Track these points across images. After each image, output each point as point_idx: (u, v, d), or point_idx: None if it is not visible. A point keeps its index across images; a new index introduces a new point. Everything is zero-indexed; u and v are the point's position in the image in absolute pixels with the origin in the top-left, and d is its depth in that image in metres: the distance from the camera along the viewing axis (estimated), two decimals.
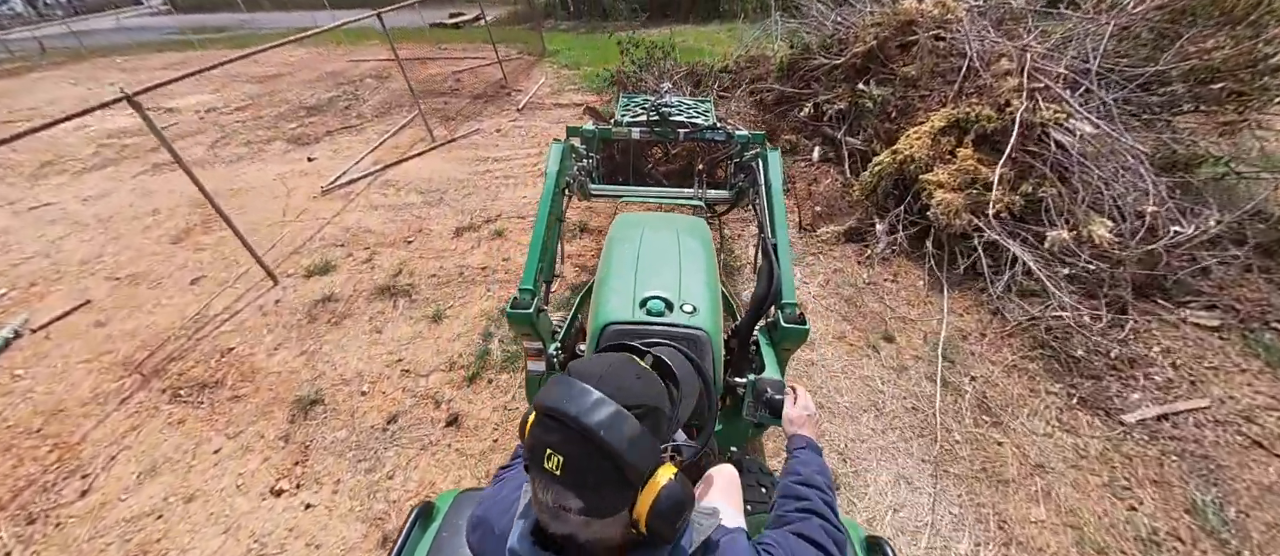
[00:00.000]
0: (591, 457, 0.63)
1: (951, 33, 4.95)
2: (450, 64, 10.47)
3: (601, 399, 0.65)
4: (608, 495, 0.64)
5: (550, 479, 0.63)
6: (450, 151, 6.20)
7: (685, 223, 2.05)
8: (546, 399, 0.67)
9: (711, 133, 3.01)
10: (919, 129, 4.29)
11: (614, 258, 1.78)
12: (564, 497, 0.63)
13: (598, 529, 0.66)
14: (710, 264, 1.82)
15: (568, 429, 0.63)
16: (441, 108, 7.73)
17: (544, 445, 0.64)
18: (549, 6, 23.26)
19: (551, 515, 0.66)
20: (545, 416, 0.66)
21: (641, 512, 0.66)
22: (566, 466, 0.62)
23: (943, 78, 4.71)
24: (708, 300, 1.61)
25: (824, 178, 5.09)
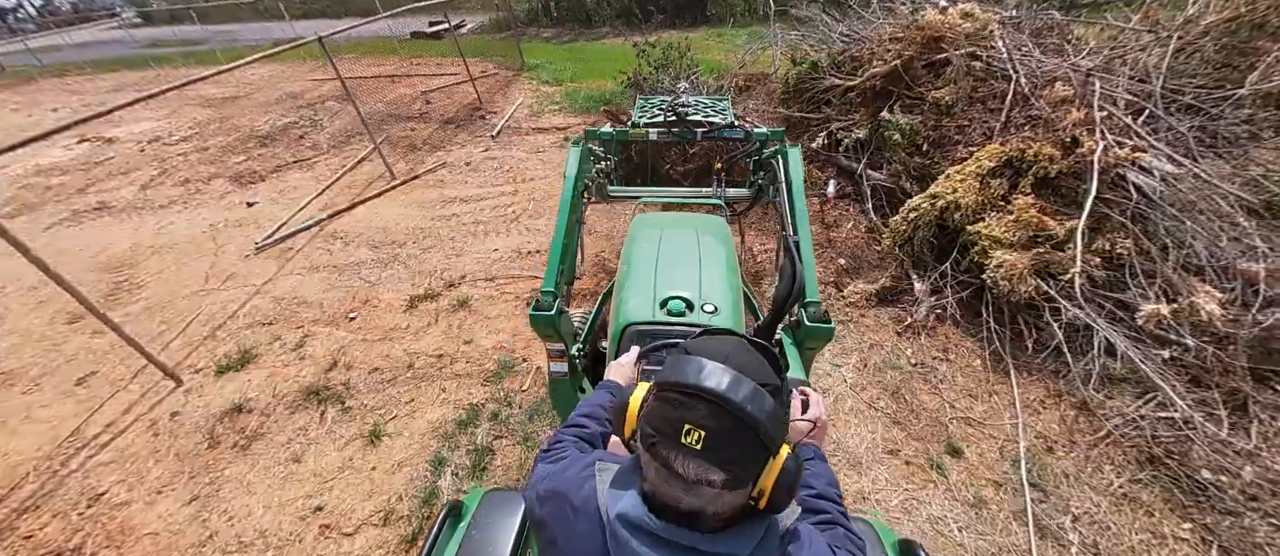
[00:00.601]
0: (737, 431, 0.64)
1: (988, 51, 4.27)
2: (423, 81, 9.67)
3: (740, 376, 0.66)
4: (748, 466, 0.66)
5: (690, 453, 0.64)
6: (412, 191, 5.41)
7: (704, 222, 2.03)
8: (679, 377, 0.67)
9: (730, 131, 2.91)
10: (962, 169, 3.59)
11: (634, 258, 1.78)
12: (706, 471, 0.64)
13: (729, 499, 0.67)
14: (730, 263, 1.80)
15: (711, 404, 0.64)
16: (407, 136, 6.94)
17: (681, 420, 0.65)
18: (531, 14, 22.55)
19: (686, 489, 0.66)
20: (681, 393, 0.66)
21: (767, 483, 0.68)
22: (710, 439, 0.63)
23: (983, 104, 4.02)
24: (728, 299, 1.60)
25: (845, 220, 4.38)
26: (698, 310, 1.55)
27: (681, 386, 0.67)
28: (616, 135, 3.05)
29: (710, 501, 0.67)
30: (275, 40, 11.82)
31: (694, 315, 1.53)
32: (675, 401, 0.67)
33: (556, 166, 5.78)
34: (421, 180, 5.60)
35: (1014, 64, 3.95)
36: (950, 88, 4.12)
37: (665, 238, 1.88)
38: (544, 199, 5.12)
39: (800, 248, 1.86)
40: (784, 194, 2.29)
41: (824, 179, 4.90)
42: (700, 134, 2.97)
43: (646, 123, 3.05)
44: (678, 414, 0.65)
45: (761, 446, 0.66)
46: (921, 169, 4.07)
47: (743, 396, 0.64)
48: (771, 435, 0.66)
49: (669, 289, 1.60)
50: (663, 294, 1.59)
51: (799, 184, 2.23)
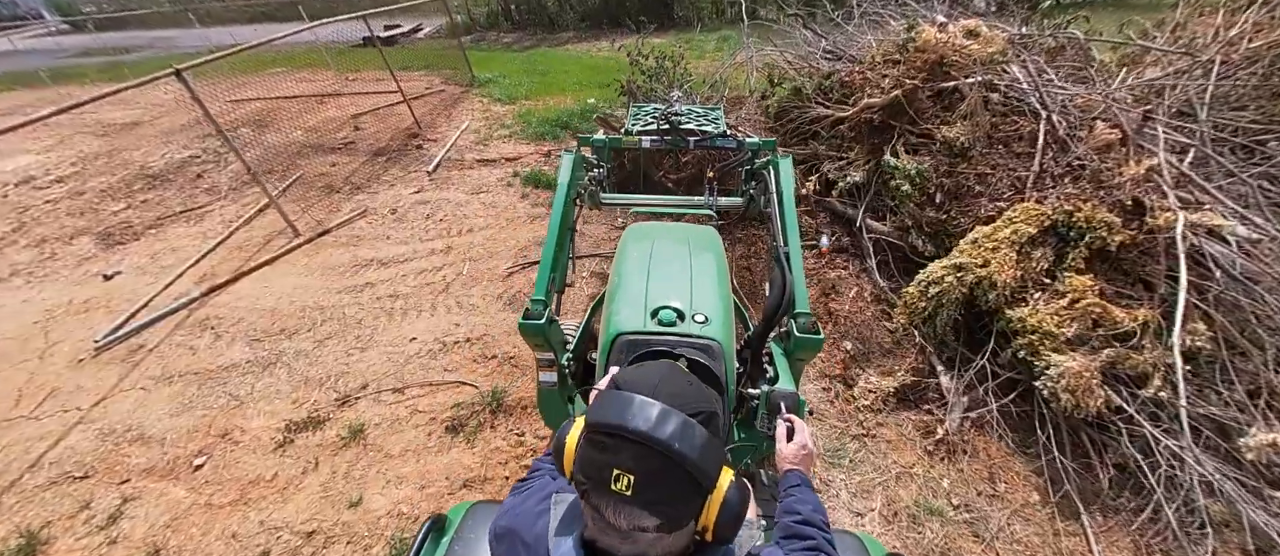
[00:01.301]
0: (667, 472, 0.61)
1: (1005, 80, 3.58)
2: (356, 101, 8.56)
3: (667, 410, 0.63)
4: (682, 508, 0.63)
5: (621, 500, 0.61)
6: (318, 251, 4.42)
7: (696, 232, 2.06)
8: (604, 416, 0.64)
9: (722, 140, 2.90)
10: (993, 234, 2.87)
11: (625, 268, 1.79)
12: (638, 518, 0.61)
13: (668, 544, 0.65)
14: (722, 274, 1.81)
15: (637, 445, 0.61)
16: (325, 173, 5.89)
17: (608, 465, 0.61)
18: (491, 17, 21.44)
19: (621, 537, 0.63)
20: (606, 435, 0.63)
21: (710, 519, 0.66)
22: (638, 484, 0.60)
23: (1006, 146, 3.32)
24: (720, 310, 1.60)
25: (845, 285, 3.63)
26: (689, 320, 1.54)
27: (605, 428, 0.63)
28: (610, 142, 2.99)
29: (649, 547, 0.64)
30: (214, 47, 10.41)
31: (685, 325, 1.52)
32: (600, 444, 0.63)
33: (501, 212, 4.87)
34: (333, 236, 4.60)
35: (1043, 97, 3.27)
36: (964, 125, 3.41)
37: (657, 247, 1.88)
38: (483, 259, 4.21)
39: (791, 259, 1.90)
40: (775, 204, 2.22)
41: (815, 227, 4.16)
42: (693, 143, 2.93)
43: (640, 130, 2.97)
44: (604, 458, 0.62)
45: (694, 484, 0.63)
46: (936, 224, 3.35)
47: (669, 433, 0.61)
48: (704, 471, 0.63)
49: (660, 299, 1.59)
50: (654, 304, 1.57)
51: (790, 194, 2.18)
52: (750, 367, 1.71)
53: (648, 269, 1.75)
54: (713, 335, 1.49)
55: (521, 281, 3.95)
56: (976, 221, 3.14)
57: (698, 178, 4.00)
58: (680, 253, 1.85)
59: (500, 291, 3.84)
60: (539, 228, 4.65)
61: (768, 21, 6.38)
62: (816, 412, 2.89)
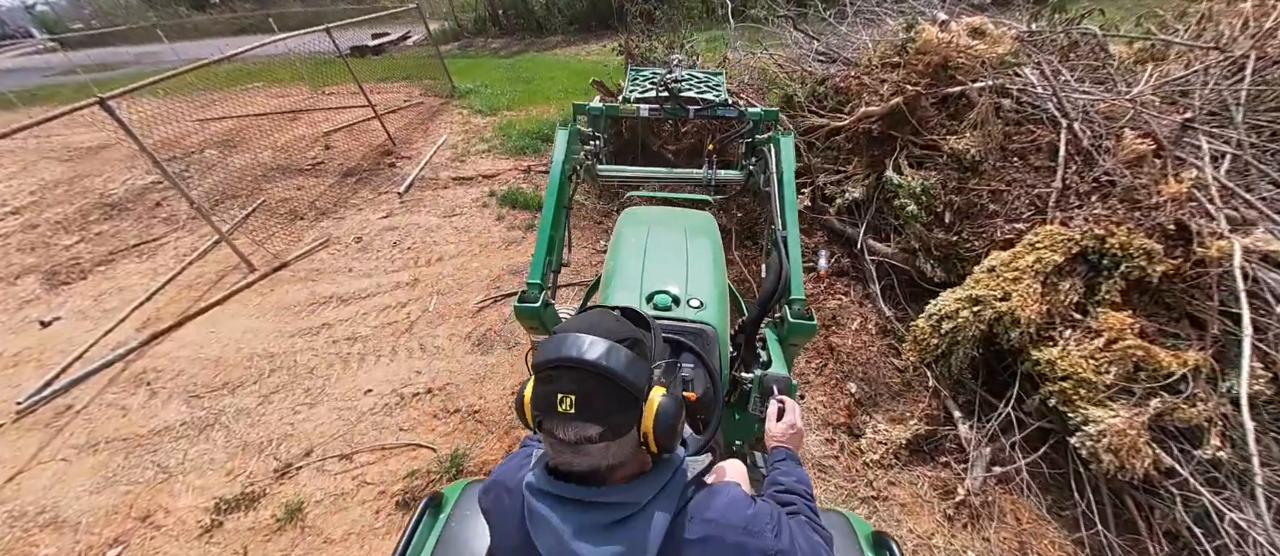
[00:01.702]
0: (599, 385, 0.71)
1: (1017, 82, 3.25)
2: (330, 116, 8.21)
3: (595, 339, 0.73)
4: (619, 415, 0.72)
5: (567, 418, 0.71)
6: (274, 288, 4.07)
7: (693, 218, 2.05)
8: (545, 355, 0.74)
9: (724, 109, 2.77)
10: (1013, 262, 2.54)
11: (621, 252, 1.79)
12: (583, 429, 0.71)
13: (614, 451, 0.74)
14: (717, 259, 1.82)
15: (573, 369, 0.71)
16: (290, 198, 5.54)
17: (553, 393, 0.71)
18: (479, 23, 21.11)
19: (574, 451, 0.73)
20: (549, 369, 0.73)
21: (647, 426, 0.75)
22: (579, 401, 0.70)
23: (1022, 159, 2.98)
24: (715, 295, 1.61)
25: (848, 315, 3.29)
26: (684, 304, 1.54)
27: (548, 363, 0.73)
28: (606, 110, 2.87)
29: (600, 457, 0.73)
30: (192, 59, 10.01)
31: (680, 310, 1.52)
32: (546, 377, 0.73)
33: (475, 238, 4.53)
34: (291, 270, 4.26)
35: (1062, 103, 2.93)
36: (974, 135, 3.07)
37: (653, 232, 1.88)
38: (452, 292, 3.87)
39: (788, 243, 1.85)
40: (775, 185, 2.17)
41: (812, 247, 3.82)
42: (693, 112, 2.81)
43: (638, 98, 2.89)
44: (549, 388, 0.72)
45: (625, 394, 0.73)
46: (946, 247, 3.02)
47: (598, 354, 0.71)
48: (632, 382, 0.73)
49: (655, 283, 1.60)
50: (649, 288, 1.58)
51: (790, 175, 2.13)
52: (744, 352, 1.70)
53: (644, 253, 1.74)
54: (707, 319, 1.49)
55: (493, 317, 3.62)
56: (992, 245, 2.81)
57: (698, 148, 3.77)
58: (676, 237, 1.85)
59: (469, 330, 3.50)
60: (515, 253, 4.31)
61: (756, 22, 6.05)
62: (818, 464, 2.57)
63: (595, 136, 2.87)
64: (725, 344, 1.54)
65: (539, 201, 4.98)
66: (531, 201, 4.95)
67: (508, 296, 3.79)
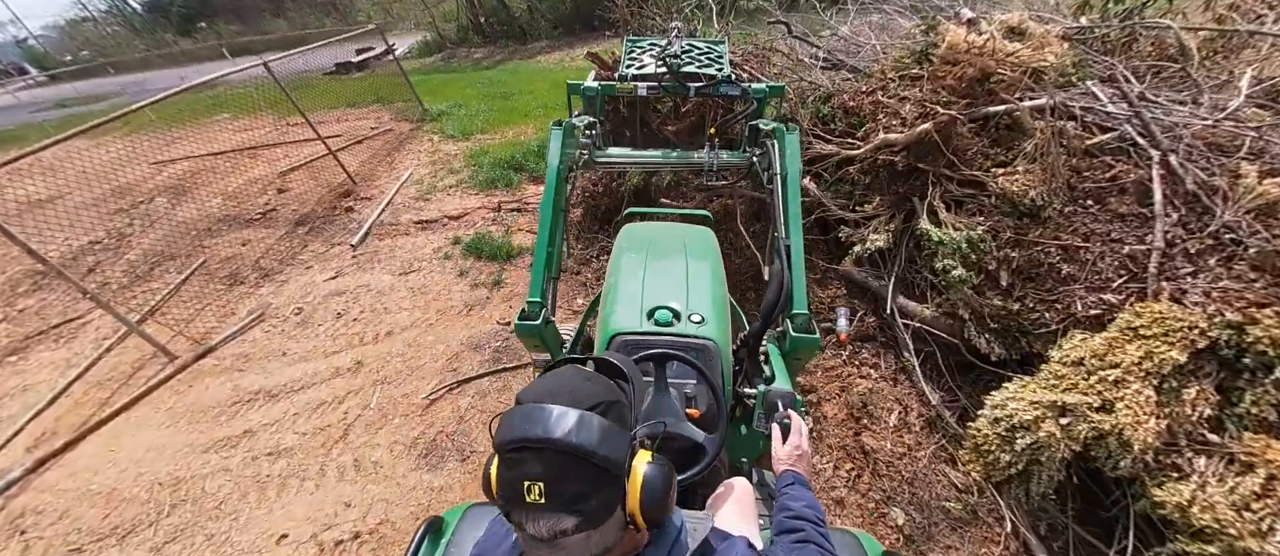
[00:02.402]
0: (571, 468, 0.62)
1: (1079, 98, 2.58)
2: (290, 151, 7.59)
3: (562, 410, 0.64)
4: (596, 499, 0.63)
5: (537, 509, 0.62)
6: (194, 383, 3.46)
7: (692, 233, 2.02)
8: (506, 434, 0.65)
9: (727, 86, 2.64)
10: (1108, 353, 1.88)
11: (622, 268, 1.78)
12: (557, 522, 0.62)
13: (597, 540, 0.65)
14: (717, 274, 1.79)
15: (537, 451, 0.62)
16: (233, 256, 4.93)
17: (520, 480, 0.62)
18: (462, 32, 20.52)
19: (548, 548, 0.64)
20: (510, 451, 0.64)
21: (634, 504, 0.67)
22: (549, 489, 0.61)
23: (1099, 202, 2.32)
24: (715, 310, 1.59)
25: (882, 402, 2.64)
26: (685, 320, 1.53)
27: (508, 444, 0.64)
28: (603, 90, 2.78)
29: (580, 549, 0.65)
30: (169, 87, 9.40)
31: (681, 325, 1.51)
32: (509, 461, 0.65)
33: (433, 300, 3.91)
34: (216, 357, 3.64)
35: (1148, 128, 2.26)
36: (1030, 173, 2.41)
37: (652, 248, 1.85)
38: (400, 380, 3.25)
39: (791, 252, 1.81)
40: (778, 185, 2.03)
41: (828, 301, 3.18)
42: (694, 90, 2.71)
43: (635, 75, 2.78)
44: (513, 473, 0.63)
45: (603, 473, 0.64)
46: (1004, 316, 2.36)
47: (566, 430, 0.62)
48: (608, 458, 0.64)
49: (656, 299, 1.58)
50: (650, 304, 1.56)
51: (795, 175, 2.01)
52: (747, 367, 1.69)
53: (644, 269, 1.73)
54: (709, 335, 1.48)
55: (446, 412, 2.99)
56: (1070, 319, 2.15)
57: (699, 126, 3.63)
58: (676, 253, 1.83)
59: (416, 433, 2.88)
60: (477, 320, 3.69)
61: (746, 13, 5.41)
62: None
63: (592, 125, 2.70)
64: (727, 359, 1.52)
65: (509, 249, 4.35)
66: (500, 250, 4.32)
67: (465, 382, 3.17)
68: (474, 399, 3.06)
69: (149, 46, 31.71)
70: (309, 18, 31.75)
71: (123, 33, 38.11)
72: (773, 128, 2.25)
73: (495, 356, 3.31)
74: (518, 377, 3.18)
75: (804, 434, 1.17)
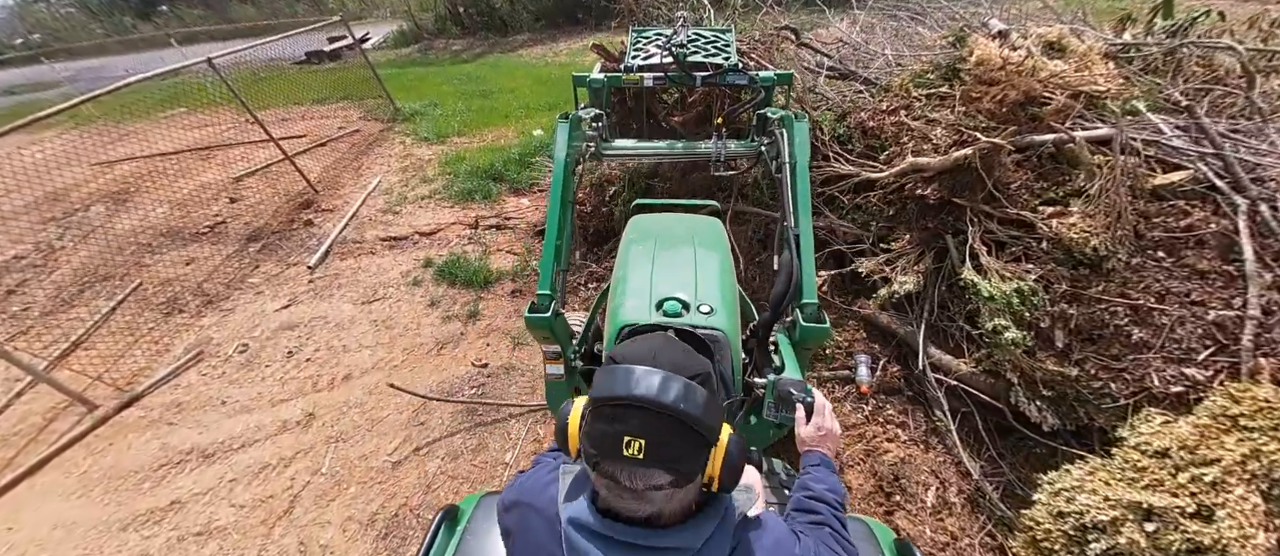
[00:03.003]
0: (675, 431, 0.66)
1: (1142, 129, 2.27)
2: (248, 153, 6.98)
3: (669, 376, 0.67)
4: (692, 462, 0.68)
5: (634, 463, 0.65)
6: (116, 440, 2.97)
7: (701, 224, 2.03)
8: (610, 389, 0.68)
9: (733, 75, 2.66)
10: (1202, 447, 1.58)
11: (630, 260, 1.78)
12: (651, 477, 0.66)
13: (681, 497, 0.70)
14: (726, 264, 1.79)
15: (644, 411, 0.65)
16: (174, 279, 4.39)
17: (619, 434, 0.65)
18: (440, 23, 19.74)
19: (638, 498, 0.68)
20: (613, 406, 0.67)
21: (716, 470, 0.72)
22: (649, 447, 0.64)
23: (1173, 255, 2.01)
24: (724, 300, 1.59)
25: (915, 474, 2.31)
26: (694, 311, 1.53)
27: (613, 400, 0.67)
28: (609, 81, 2.77)
29: (664, 502, 0.69)
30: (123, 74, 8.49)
31: (690, 316, 1.51)
32: (609, 415, 0.67)
33: (399, 336, 3.47)
34: (144, 407, 3.15)
35: (1232, 169, 1.96)
36: (1090, 217, 2.10)
37: (661, 240, 1.86)
38: (359, 437, 2.82)
39: (800, 241, 1.80)
40: (786, 174, 2.01)
41: (847, 346, 2.85)
42: (700, 79, 2.71)
43: (641, 65, 2.75)
44: (614, 428, 0.66)
45: (702, 439, 0.68)
46: (1058, 381, 2.05)
47: (675, 396, 0.65)
48: (709, 426, 0.68)
49: (665, 290, 1.58)
50: (659, 295, 1.57)
51: (804, 164, 2.00)
52: (757, 357, 1.69)
53: (652, 261, 1.73)
54: (718, 325, 1.49)
55: (411, 477, 2.58)
56: (1144, 394, 1.85)
57: (706, 116, 3.57)
58: (684, 244, 1.83)
59: (375, 507, 2.46)
60: (449, 360, 3.27)
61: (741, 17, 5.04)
62: None
63: (598, 116, 2.68)
64: (737, 349, 1.53)
65: (486, 273, 3.93)
66: (476, 274, 3.89)
67: (436, 442, 2.76)
68: (444, 461, 2.65)
69: (107, 31, 30.04)
70: (279, 3, 30.35)
71: (77, 16, 36.05)
72: (781, 116, 2.22)
73: (469, 410, 2.90)
74: (495, 433, 2.78)
75: (828, 413, 1.16)
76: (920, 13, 4.06)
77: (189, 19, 32.78)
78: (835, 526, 0.91)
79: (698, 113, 3.63)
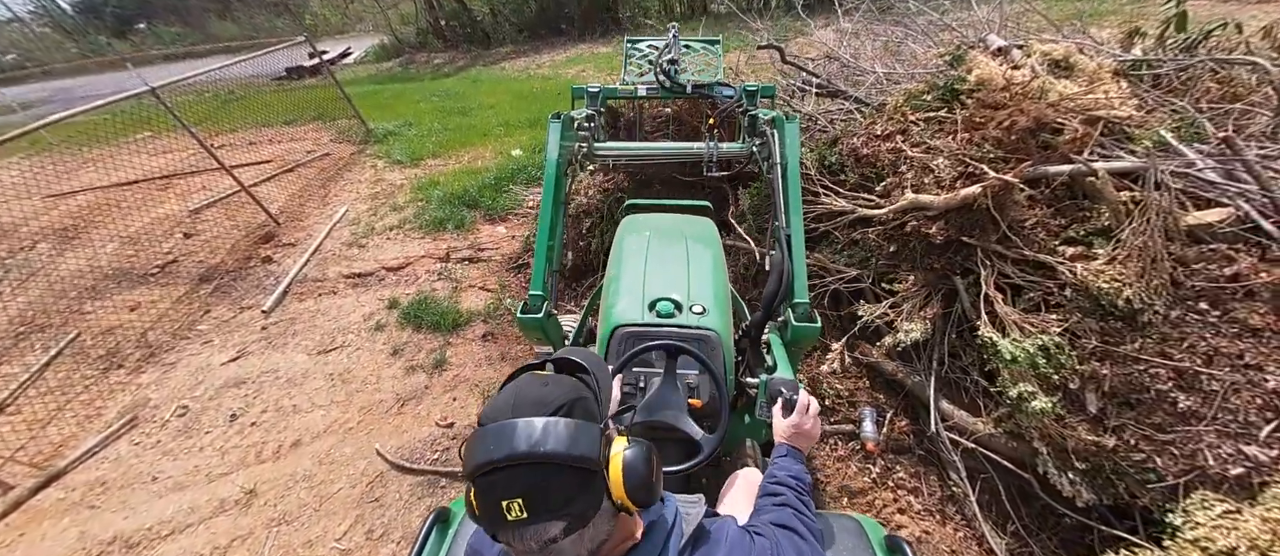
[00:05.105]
0: (547, 477, 0.62)
1: (1162, 157, 2.04)
2: (209, 182, 6.62)
3: (525, 422, 0.64)
4: (580, 500, 0.64)
5: (521, 526, 0.62)
6: (27, 530, 2.62)
7: (693, 224, 2.05)
8: (474, 459, 0.65)
9: (722, 89, 2.87)
10: (1272, 541, 1.32)
11: (623, 260, 1.80)
12: (543, 531, 0.62)
13: (590, 535, 0.66)
14: (718, 264, 1.83)
15: (508, 470, 0.62)
16: (118, 327, 4.02)
17: (497, 500, 0.62)
18: (422, 36, 19.49)
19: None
20: (482, 475, 0.64)
21: (619, 492, 0.67)
22: (529, 502, 0.61)
23: (1221, 310, 1.76)
24: (717, 300, 1.61)
25: (930, 548, 2.04)
26: (687, 311, 1.55)
27: (479, 466, 0.64)
28: (604, 92, 2.96)
29: (574, 549, 0.65)
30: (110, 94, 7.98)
31: (683, 316, 1.54)
32: (483, 486, 0.64)
33: (356, 392, 3.15)
34: (65, 486, 2.80)
35: (1274, 202, 1.73)
36: (1121, 262, 1.85)
37: (654, 239, 1.88)
38: (304, 519, 2.49)
39: (792, 241, 1.80)
40: (778, 174, 2.00)
41: (849, 396, 2.59)
42: (691, 88, 2.89)
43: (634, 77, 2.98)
44: (490, 498, 0.63)
45: (582, 472, 0.64)
46: (1092, 453, 1.79)
47: (533, 442, 0.62)
48: (583, 456, 0.64)
49: (658, 291, 1.60)
50: (651, 296, 1.59)
51: (795, 164, 1.99)
52: (749, 356, 1.70)
53: (645, 261, 1.74)
54: (710, 325, 1.50)
55: None
56: (1196, 473, 1.60)
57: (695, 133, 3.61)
58: (677, 244, 1.85)
59: None
60: (411, 421, 2.96)
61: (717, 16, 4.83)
62: None
63: (590, 117, 2.71)
64: (729, 349, 1.53)
65: (456, 315, 3.62)
66: (445, 316, 3.58)
67: (390, 524, 2.44)
68: (400, 547, 2.33)
69: (82, 51, 29.40)
70: (259, 19, 29.84)
71: (52, 36, 35.27)
72: (773, 117, 2.21)
73: (429, 482, 2.59)
74: None
75: (808, 413, 1.19)
76: (909, 25, 3.85)
77: (166, 37, 32.14)
78: (795, 504, 0.94)
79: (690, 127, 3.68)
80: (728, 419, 1.31)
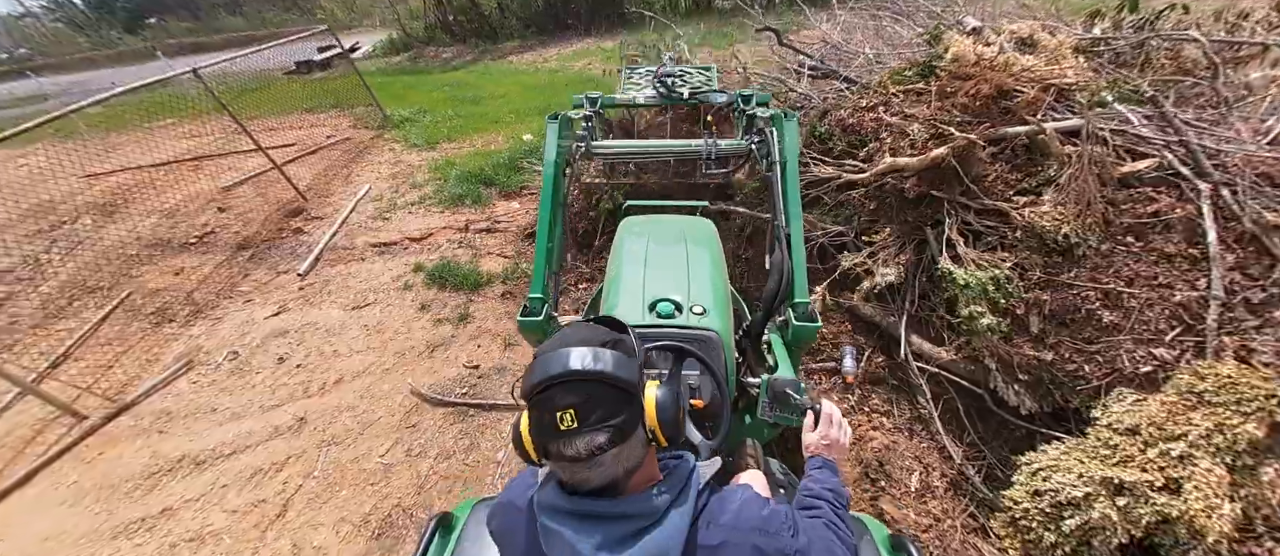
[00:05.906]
0: (596, 391, 0.72)
1: (1103, 118, 2.34)
2: (237, 163, 6.98)
3: (576, 347, 0.74)
4: (622, 414, 0.73)
5: (571, 433, 0.71)
6: (106, 450, 2.97)
7: (692, 225, 2.05)
8: (530, 380, 0.75)
9: (717, 95, 2.87)
10: (1170, 422, 1.63)
11: (623, 261, 1.79)
12: (591, 439, 0.71)
13: (626, 454, 0.75)
14: (718, 265, 1.82)
15: (562, 384, 0.72)
16: (165, 288, 4.39)
17: (552, 411, 0.71)
18: (429, 31, 19.78)
19: (588, 467, 0.73)
20: (539, 393, 0.74)
21: (652, 421, 0.78)
22: (579, 412, 0.71)
23: (1141, 240, 2.07)
24: (717, 301, 1.60)
25: (900, 459, 2.35)
26: (687, 312, 1.53)
27: (535, 387, 0.74)
28: (604, 100, 2.93)
29: (614, 464, 0.73)
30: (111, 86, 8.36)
31: (683, 317, 1.52)
32: (539, 402, 0.74)
33: (390, 340, 3.48)
34: (134, 416, 3.15)
35: (1196, 158, 2.03)
36: (1061, 205, 2.16)
37: (653, 241, 1.86)
38: (350, 440, 2.83)
39: (791, 240, 1.80)
40: (777, 173, 1.98)
41: (833, 338, 2.89)
42: (687, 93, 2.93)
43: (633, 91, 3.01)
44: (546, 410, 0.72)
45: (622, 391, 0.74)
46: (1034, 366, 2.10)
47: (585, 361, 0.73)
48: (624, 378, 0.74)
49: (658, 292, 1.59)
50: (651, 296, 1.57)
51: (794, 163, 1.98)
52: (750, 356, 1.70)
53: (644, 262, 1.73)
54: (711, 326, 1.49)
55: (405, 478, 2.60)
56: (1115, 375, 1.90)
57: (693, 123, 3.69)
58: (676, 245, 1.83)
59: (368, 508, 2.47)
60: (441, 362, 3.29)
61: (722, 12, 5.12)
62: None
63: (588, 117, 2.71)
64: (730, 349, 1.53)
65: (477, 277, 3.95)
66: (467, 278, 3.91)
67: (426, 444, 2.77)
68: (435, 462, 2.67)
69: (94, 45, 29.88)
70: (268, 13, 30.23)
71: (64, 30, 35.80)
72: (771, 114, 2.20)
73: (460, 411, 2.92)
74: (486, 434, 2.80)
75: (836, 423, 1.16)
76: (901, 12, 4.14)
77: (176, 32, 32.59)
78: (831, 519, 0.93)
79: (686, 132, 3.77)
80: (730, 420, 1.31)
